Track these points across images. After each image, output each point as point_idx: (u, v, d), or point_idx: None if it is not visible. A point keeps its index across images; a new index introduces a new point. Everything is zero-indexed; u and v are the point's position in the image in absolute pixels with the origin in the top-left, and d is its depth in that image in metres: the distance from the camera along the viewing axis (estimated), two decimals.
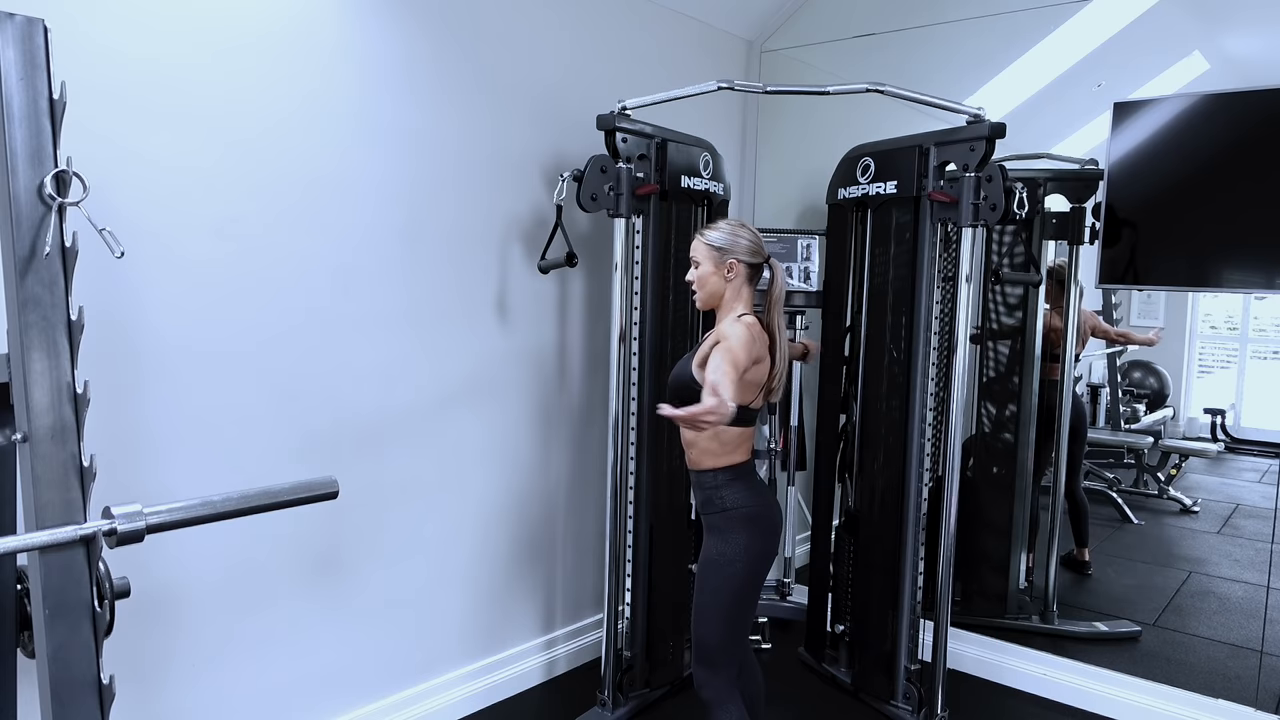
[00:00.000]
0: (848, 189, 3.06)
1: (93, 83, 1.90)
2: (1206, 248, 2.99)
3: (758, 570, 2.16)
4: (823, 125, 3.77)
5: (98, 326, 1.59)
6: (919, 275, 2.84)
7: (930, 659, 2.78)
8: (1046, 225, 3.44)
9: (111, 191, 1.93)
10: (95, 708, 1.41)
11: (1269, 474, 3.58)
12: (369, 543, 2.61)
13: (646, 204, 2.81)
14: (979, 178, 2.58)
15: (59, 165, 1.41)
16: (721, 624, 2.13)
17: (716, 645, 2.14)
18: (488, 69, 2.79)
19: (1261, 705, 2.80)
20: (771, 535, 2.17)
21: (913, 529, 2.88)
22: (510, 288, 2.92)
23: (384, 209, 2.53)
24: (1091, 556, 3.69)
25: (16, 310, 1.37)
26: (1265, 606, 3.03)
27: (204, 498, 1.47)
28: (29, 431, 1.37)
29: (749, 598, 2.19)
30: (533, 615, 3.18)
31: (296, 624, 2.46)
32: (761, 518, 2.15)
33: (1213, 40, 3.30)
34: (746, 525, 2.12)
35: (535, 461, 3.11)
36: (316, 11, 2.35)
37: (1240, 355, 3.70)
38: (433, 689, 2.82)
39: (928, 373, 2.85)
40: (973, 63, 3.66)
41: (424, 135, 2.62)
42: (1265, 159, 2.81)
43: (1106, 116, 3.05)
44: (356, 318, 2.51)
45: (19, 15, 1.37)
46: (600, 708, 2.85)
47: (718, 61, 3.71)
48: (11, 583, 1.49)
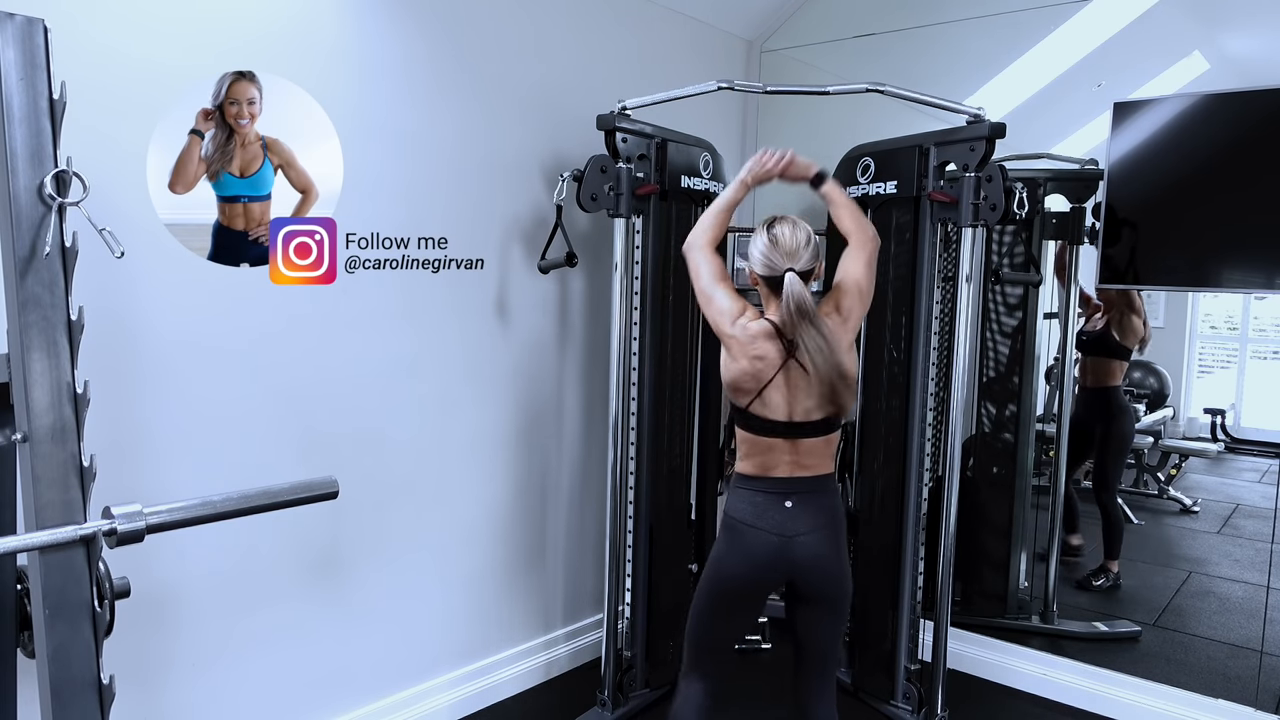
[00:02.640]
0: (848, 189, 3.05)
1: (93, 82, 1.90)
2: (1206, 247, 2.99)
3: (719, 581, 2.06)
4: (823, 125, 3.76)
5: (98, 326, 1.59)
6: (919, 275, 2.84)
7: (930, 659, 2.78)
8: (1046, 225, 3.43)
9: (112, 191, 1.93)
10: (95, 708, 1.41)
11: (1269, 474, 3.57)
12: (369, 543, 2.61)
13: (646, 204, 2.81)
14: (979, 178, 2.58)
15: (59, 165, 1.41)
16: (691, 620, 2.14)
17: (686, 640, 2.17)
18: (487, 69, 2.79)
19: (1261, 705, 2.80)
20: (741, 555, 2.01)
21: (913, 529, 2.88)
22: (510, 287, 2.92)
23: (383, 208, 2.53)
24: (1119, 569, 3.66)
25: (16, 310, 1.38)
26: (1265, 606, 3.03)
27: (204, 498, 1.47)
28: (29, 431, 1.37)
29: (710, 609, 2.09)
30: (532, 615, 3.18)
31: (296, 624, 2.46)
32: (737, 531, 2.01)
33: (1213, 40, 3.30)
34: (724, 532, 2.08)
35: (535, 461, 3.11)
36: (314, 11, 2.35)
37: (1240, 355, 3.70)
38: (433, 689, 2.82)
39: (928, 373, 2.85)
40: (973, 63, 3.66)
41: (422, 135, 2.62)
42: (1265, 159, 2.81)
43: (1106, 116, 3.05)
44: (356, 317, 2.51)
45: (19, 15, 1.37)
46: (600, 708, 2.85)
47: (718, 61, 3.71)
48: (11, 583, 1.49)
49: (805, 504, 2.01)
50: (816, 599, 2.06)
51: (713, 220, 2.17)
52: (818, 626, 2.09)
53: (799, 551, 2.00)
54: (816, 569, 2.02)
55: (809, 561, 2.00)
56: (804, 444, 2.01)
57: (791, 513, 2.00)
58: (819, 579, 2.03)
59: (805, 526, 2.00)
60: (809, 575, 2.02)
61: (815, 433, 2.01)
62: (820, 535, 2.01)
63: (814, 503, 2.02)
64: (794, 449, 2.01)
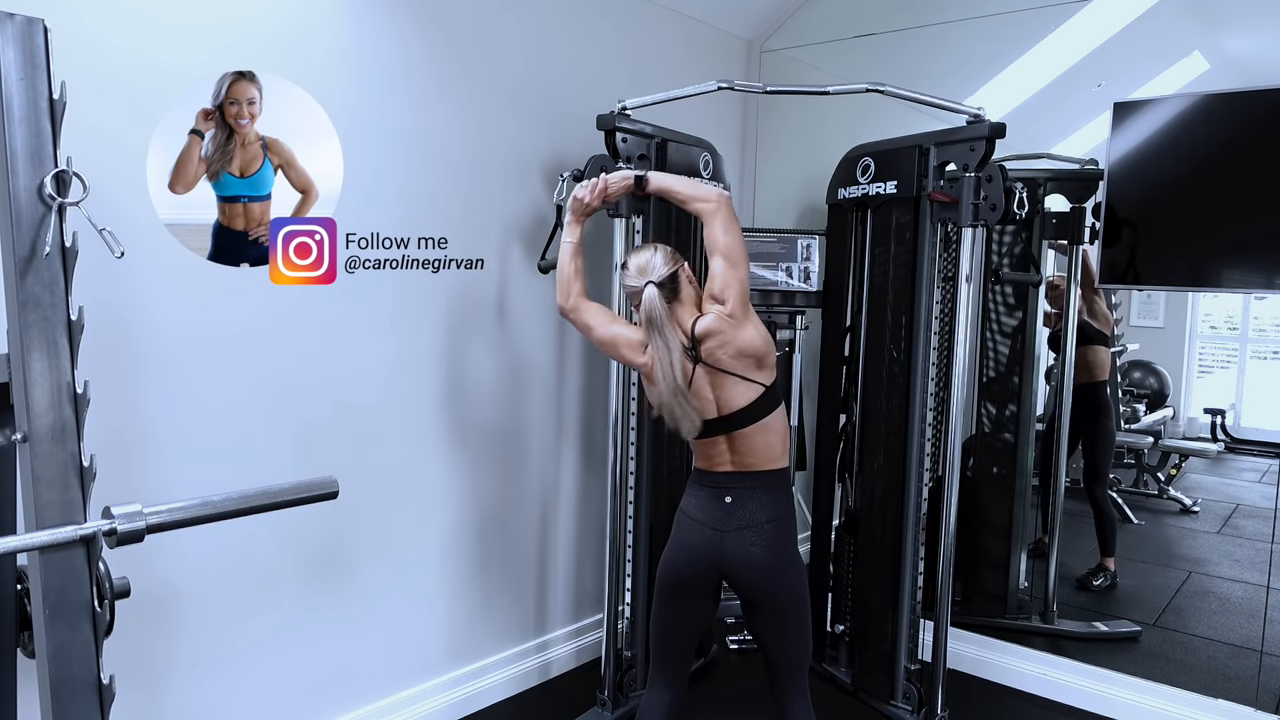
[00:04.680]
0: (848, 189, 3.06)
1: (93, 82, 1.90)
2: (1207, 247, 2.99)
3: (662, 571, 2.10)
4: (823, 125, 3.77)
5: (98, 326, 1.59)
6: (919, 275, 2.84)
7: (930, 659, 2.78)
8: (1046, 225, 3.43)
9: (112, 191, 1.93)
10: (95, 708, 1.41)
11: (1269, 474, 3.57)
12: (368, 543, 2.61)
13: (646, 204, 2.81)
14: (979, 178, 2.58)
15: (59, 165, 1.41)
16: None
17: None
18: (487, 69, 2.79)
19: (1261, 705, 2.80)
20: (679, 546, 2.06)
21: (913, 529, 2.88)
22: (510, 287, 2.92)
23: (383, 208, 2.53)
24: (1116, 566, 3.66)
25: (16, 310, 1.38)
26: (1265, 606, 3.03)
27: (204, 498, 1.47)
28: (29, 431, 1.38)
29: (657, 601, 2.14)
30: (533, 615, 3.18)
31: (296, 624, 2.46)
32: (680, 524, 2.08)
33: (1213, 40, 3.30)
34: (673, 526, 2.12)
35: (536, 461, 3.11)
36: (314, 11, 2.35)
37: (1240, 355, 3.70)
38: (433, 689, 2.82)
39: (928, 373, 2.84)
40: (973, 63, 3.66)
41: (422, 135, 2.62)
42: (1265, 159, 2.81)
43: (1106, 116, 3.05)
44: (356, 317, 2.51)
45: (19, 15, 1.37)
46: (600, 708, 2.85)
47: (718, 61, 3.71)
48: (11, 583, 1.49)
49: (745, 500, 2.02)
50: (756, 601, 2.05)
51: (570, 273, 2.14)
52: (764, 627, 2.08)
53: (730, 547, 2.00)
54: (746, 567, 2.00)
55: (739, 559, 2.00)
56: (742, 438, 2.01)
57: (729, 508, 2.02)
58: (749, 577, 2.01)
59: (740, 523, 2.00)
60: (740, 573, 2.02)
61: (747, 419, 2.00)
62: (755, 533, 2.00)
63: (755, 499, 2.02)
64: (731, 444, 2.02)
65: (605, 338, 2.09)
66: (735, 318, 1.97)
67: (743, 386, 1.99)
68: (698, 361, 2.00)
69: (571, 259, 2.14)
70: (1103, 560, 3.64)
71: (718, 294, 1.99)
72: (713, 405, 2.01)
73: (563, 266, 2.15)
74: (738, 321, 1.98)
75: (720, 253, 2.00)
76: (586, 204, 2.18)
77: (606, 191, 2.18)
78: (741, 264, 2.01)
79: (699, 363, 2.00)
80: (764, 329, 2.02)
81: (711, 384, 2.01)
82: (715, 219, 2.01)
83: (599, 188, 2.17)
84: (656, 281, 1.98)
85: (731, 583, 2.06)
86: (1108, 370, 3.62)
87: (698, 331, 1.99)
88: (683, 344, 2.00)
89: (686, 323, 2.02)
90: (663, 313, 1.96)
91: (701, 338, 1.99)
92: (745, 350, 1.98)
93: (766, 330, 2.04)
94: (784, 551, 2.03)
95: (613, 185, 2.19)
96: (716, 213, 2.01)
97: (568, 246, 2.15)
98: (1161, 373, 3.94)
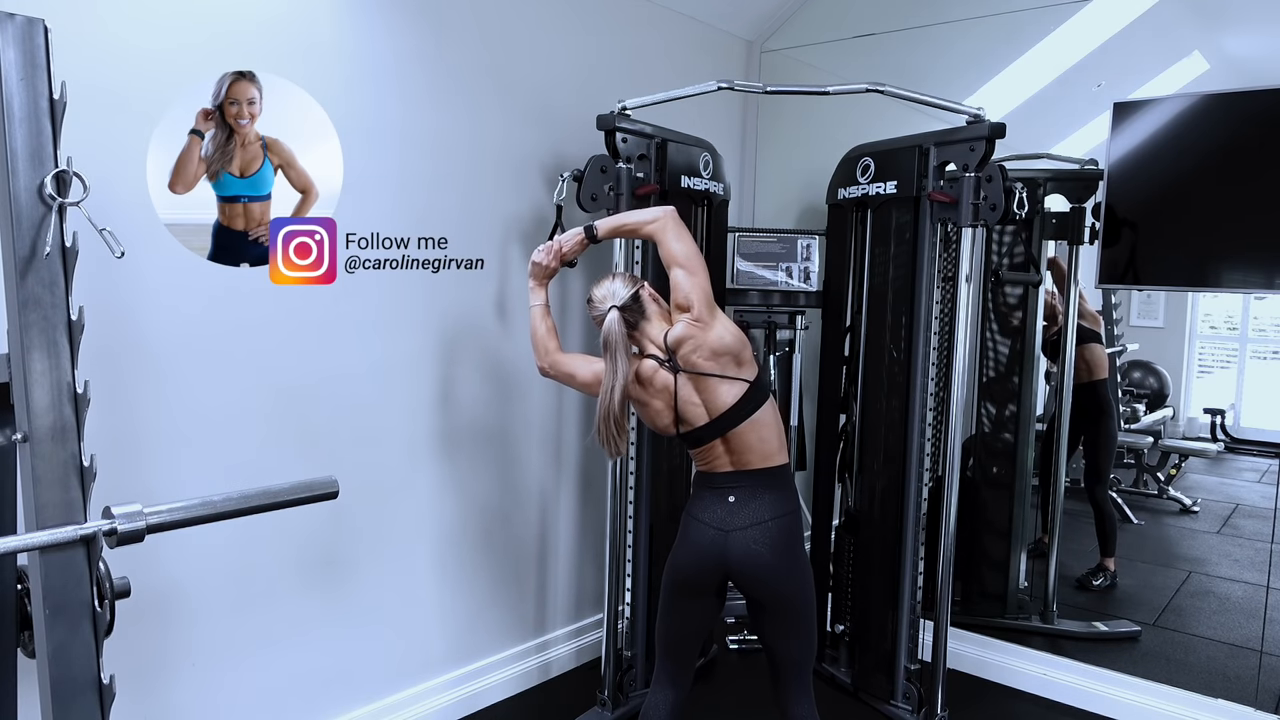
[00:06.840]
0: (848, 189, 3.06)
1: (93, 82, 1.90)
2: (1206, 248, 2.99)
3: (668, 572, 2.14)
4: (823, 125, 3.77)
5: (98, 326, 1.59)
6: (919, 275, 2.84)
7: (930, 659, 2.78)
8: (1046, 225, 3.44)
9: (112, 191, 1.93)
10: (95, 708, 1.41)
11: (1269, 474, 3.57)
12: (368, 542, 2.61)
13: (646, 204, 2.81)
14: (979, 178, 2.58)
15: (59, 165, 1.41)
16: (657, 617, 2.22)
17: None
18: (486, 69, 2.79)
19: (1261, 705, 2.80)
20: (686, 547, 2.09)
21: (913, 529, 2.88)
22: (510, 287, 2.92)
23: (383, 208, 2.53)
24: (1116, 566, 3.66)
25: (16, 310, 1.38)
26: (1265, 606, 3.03)
27: (204, 498, 1.47)
28: (29, 431, 1.38)
29: (663, 601, 2.16)
30: (533, 615, 3.18)
31: (296, 624, 2.46)
32: (686, 525, 2.10)
33: (1213, 40, 3.30)
34: (680, 527, 2.14)
35: (536, 461, 3.11)
36: (313, 11, 2.35)
37: (1240, 355, 3.70)
38: (433, 689, 2.82)
39: (928, 373, 2.85)
40: (973, 62, 3.66)
41: (422, 135, 2.62)
42: (1265, 159, 2.81)
43: (1106, 116, 3.05)
44: (357, 317, 2.51)
45: (19, 15, 1.37)
46: (600, 708, 2.85)
47: (718, 61, 3.71)
48: (11, 583, 1.49)
49: (748, 499, 2.04)
50: (760, 600, 2.08)
51: (544, 333, 2.21)
52: (769, 626, 2.10)
53: (734, 546, 2.02)
54: (751, 566, 2.02)
55: (743, 557, 2.02)
56: (736, 437, 2.04)
57: (733, 508, 2.04)
58: (754, 576, 2.03)
59: (744, 521, 2.03)
60: (745, 572, 2.03)
61: (738, 417, 2.03)
62: (759, 531, 2.02)
63: (758, 498, 2.05)
64: (727, 444, 2.05)
65: (589, 379, 2.14)
66: (703, 321, 2.03)
67: (726, 385, 2.03)
68: (677, 371, 2.05)
69: (541, 319, 2.23)
70: (1103, 560, 3.64)
71: (682, 303, 2.06)
72: (702, 411, 2.05)
73: (535, 329, 2.23)
74: (705, 324, 2.03)
75: (678, 264, 2.07)
76: (546, 267, 2.26)
77: (562, 252, 2.27)
78: (699, 270, 2.08)
79: (679, 372, 2.05)
80: (734, 326, 2.08)
81: (696, 389, 2.05)
82: (666, 234, 2.09)
83: (555, 250, 2.26)
84: (619, 305, 2.06)
85: (737, 582, 2.08)
86: (1106, 368, 3.62)
87: (670, 341, 2.05)
88: (658, 358, 2.06)
89: (659, 337, 2.08)
90: (619, 337, 2.03)
91: (675, 346, 2.05)
92: (718, 349, 2.02)
93: (737, 327, 2.10)
94: (789, 551, 2.05)
95: (567, 245, 2.27)
96: (665, 228, 2.10)
97: (536, 309, 2.24)
98: (1161, 373, 3.94)
